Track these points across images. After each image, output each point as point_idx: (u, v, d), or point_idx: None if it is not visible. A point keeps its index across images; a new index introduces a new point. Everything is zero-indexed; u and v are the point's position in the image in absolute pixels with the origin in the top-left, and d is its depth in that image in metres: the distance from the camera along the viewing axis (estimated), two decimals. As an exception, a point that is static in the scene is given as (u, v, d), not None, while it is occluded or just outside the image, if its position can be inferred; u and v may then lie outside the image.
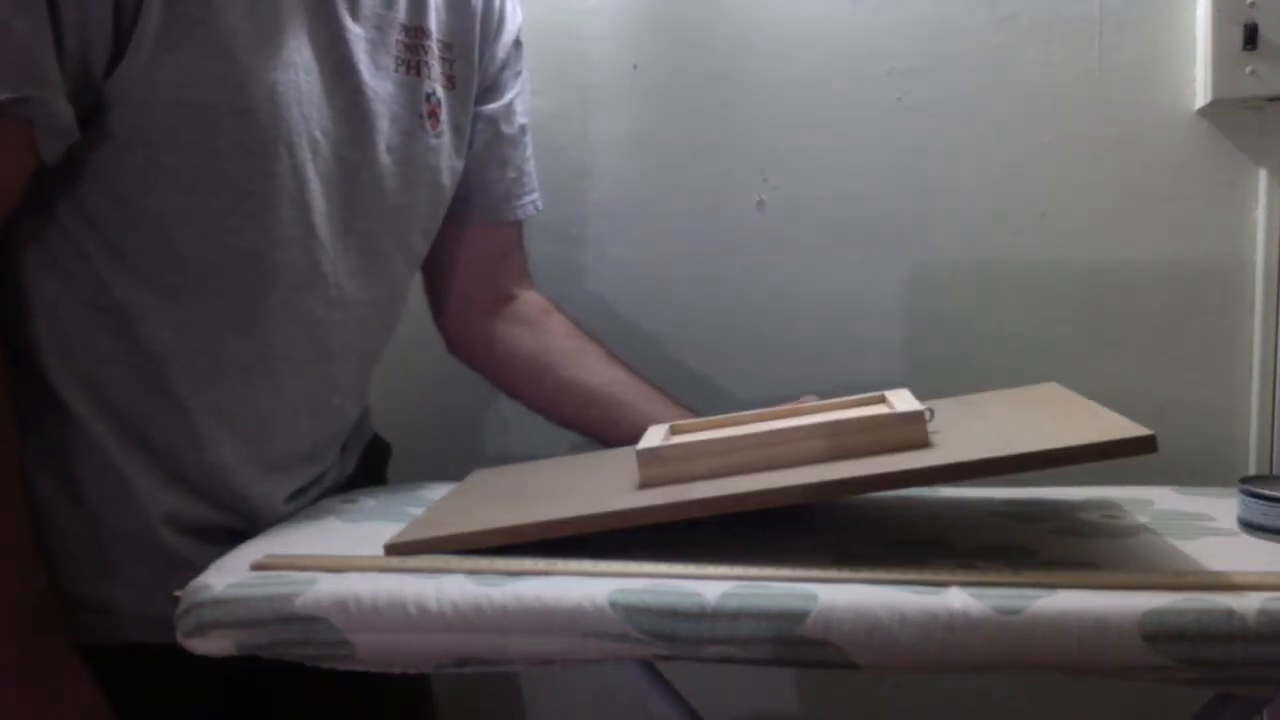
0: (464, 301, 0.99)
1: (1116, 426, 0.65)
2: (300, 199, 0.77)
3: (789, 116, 1.12)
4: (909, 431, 0.71)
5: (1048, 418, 0.73)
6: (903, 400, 0.76)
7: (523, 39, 0.98)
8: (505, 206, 0.98)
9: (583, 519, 0.69)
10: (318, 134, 0.77)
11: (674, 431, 0.80)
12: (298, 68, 0.75)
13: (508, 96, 0.96)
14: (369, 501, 0.88)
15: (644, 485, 0.73)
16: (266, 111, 0.73)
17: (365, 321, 0.86)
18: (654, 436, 0.77)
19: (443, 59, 0.89)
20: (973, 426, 0.74)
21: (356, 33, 0.80)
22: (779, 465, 0.71)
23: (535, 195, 1.00)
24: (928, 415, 0.71)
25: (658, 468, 0.73)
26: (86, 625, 0.75)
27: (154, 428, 0.76)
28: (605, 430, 0.94)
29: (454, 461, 0.97)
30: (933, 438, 0.71)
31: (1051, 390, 0.82)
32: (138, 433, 0.76)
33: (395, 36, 0.83)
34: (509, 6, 0.96)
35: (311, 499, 0.88)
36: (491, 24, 0.94)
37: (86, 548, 0.76)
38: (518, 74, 0.98)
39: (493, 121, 0.95)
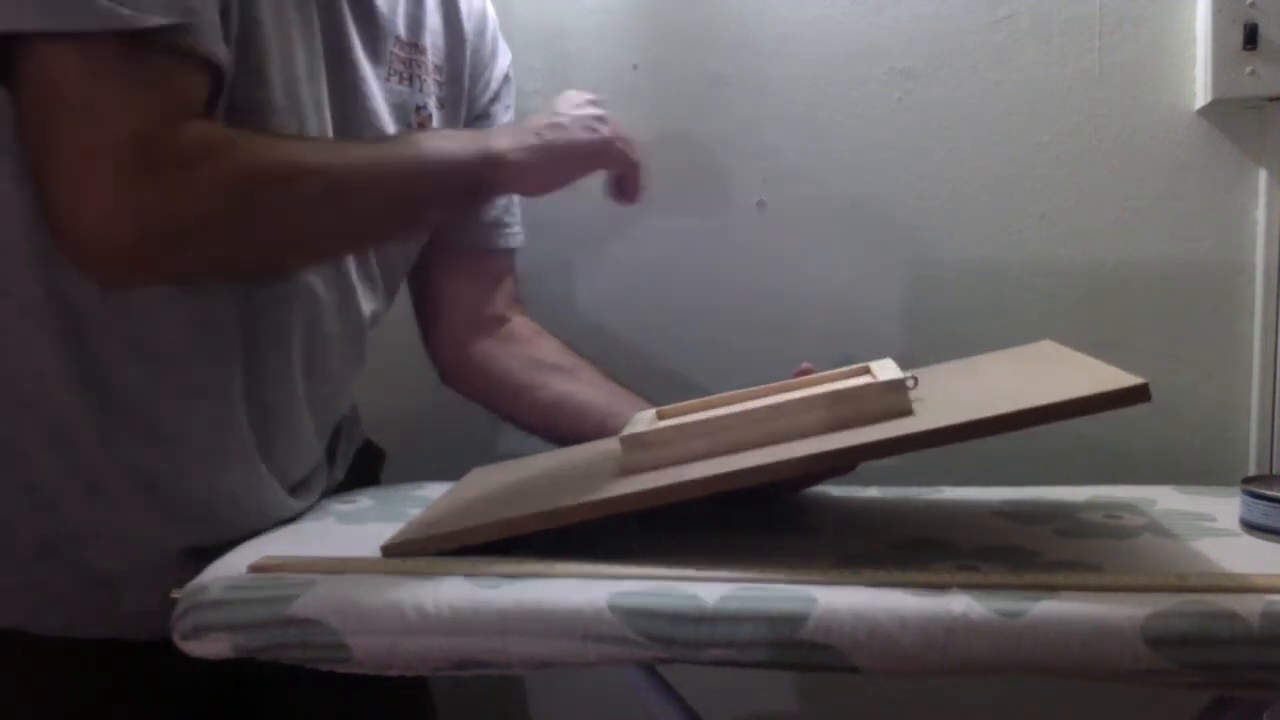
0: (457, 328, 0.99)
1: (1108, 378, 0.63)
2: None
3: (789, 116, 1.11)
4: (892, 400, 0.70)
5: (1040, 375, 0.72)
6: (885, 370, 0.75)
7: (512, 75, 1.01)
8: (496, 233, 0.98)
9: (571, 509, 0.68)
10: (312, 115, 0.77)
11: (661, 417, 0.79)
12: (301, 45, 0.75)
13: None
14: (367, 501, 0.88)
15: (630, 472, 0.72)
16: (279, 80, 0.72)
17: (351, 311, 0.85)
18: (640, 423, 0.76)
19: (435, 80, 0.90)
20: (960, 390, 0.73)
21: (355, 31, 0.80)
22: (762, 444, 0.70)
23: (520, 227, 1.01)
24: (910, 383, 0.71)
25: (642, 453, 0.72)
26: (32, 614, 0.74)
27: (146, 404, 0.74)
28: None
29: (453, 463, 0.97)
30: (918, 405, 0.70)
31: (1046, 348, 0.81)
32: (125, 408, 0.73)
33: (389, 47, 0.84)
34: (500, 42, 0.99)
35: (296, 509, 0.85)
36: (483, 54, 0.96)
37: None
38: (507, 107, 1.00)
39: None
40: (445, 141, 0.80)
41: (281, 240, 0.70)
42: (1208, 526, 0.75)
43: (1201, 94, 1.04)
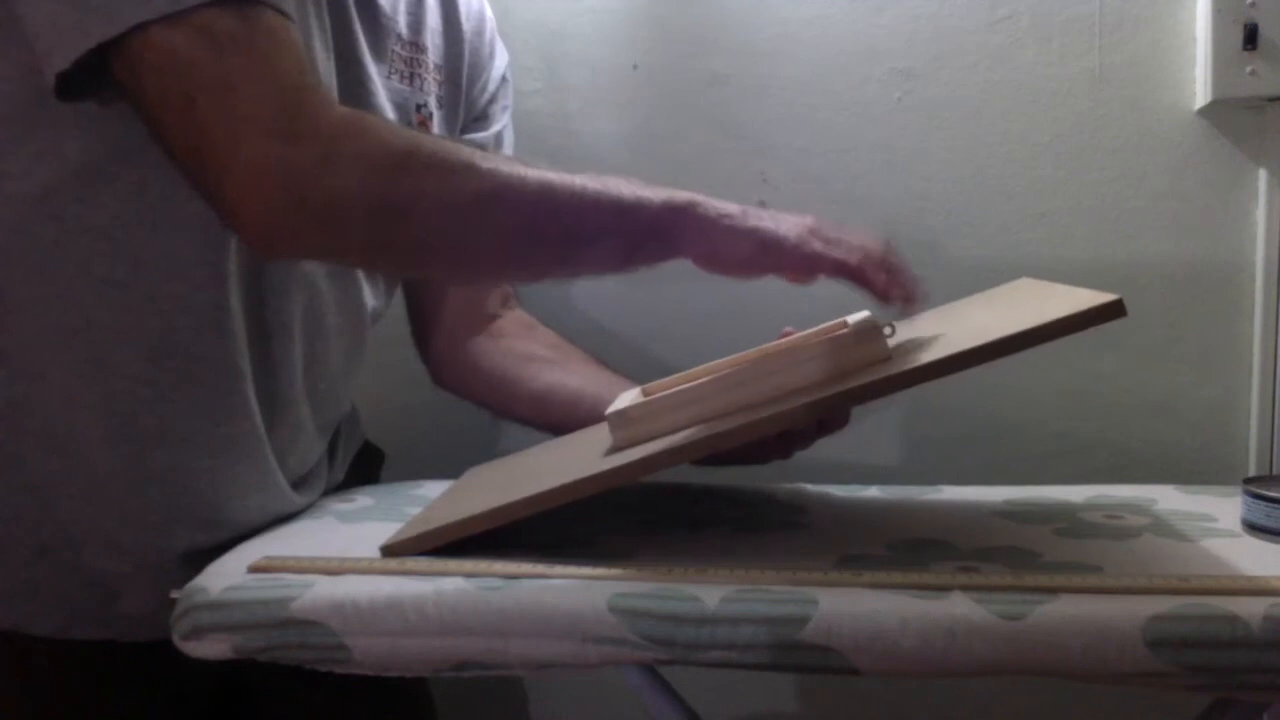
0: (454, 328, 0.98)
1: (1084, 300, 0.63)
2: None
3: (789, 117, 1.11)
4: (870, 347, 0.69)
5: (1017, 307, 0.72)
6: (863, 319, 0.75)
7: (509, 76, 1.00)
8: None
9: (563, 488, 0.68)
10: None
11: (646, 395, 0.79)
12: (319, 41, 0.75)
13: (496, 127, 0.98)
14: (366, 500, 0.87)
15: (618, 449, 0.72)
16: None
17: (352, 305, 0.85)
18: (625, 400, 0.76)
19: (435, 80, 0.90)
20: (940, 331, 0.73)
21: (360, 30, 0.81)
22: (747, 406, 0.70)
23: None
24: (888, 330, 0.70)
25: (630, 428, 0.72)
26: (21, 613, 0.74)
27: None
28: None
29: (452, 463, 0.97)
30: (899, 350, 0.70)
31: (1022, 284, 0.81)
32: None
33: (391, 45, 0.84)
34: (498, 44, 0.98)
35: (299, 504, 0.85)
36: (482, 55, 0.96)
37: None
38: (505, 108, 1.00)
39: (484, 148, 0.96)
40: (630, 182, 0.72)
41: (435, 236, 0.68)
42: (1209, 527, 0.75)
43: (1201, 94, 1.04)
